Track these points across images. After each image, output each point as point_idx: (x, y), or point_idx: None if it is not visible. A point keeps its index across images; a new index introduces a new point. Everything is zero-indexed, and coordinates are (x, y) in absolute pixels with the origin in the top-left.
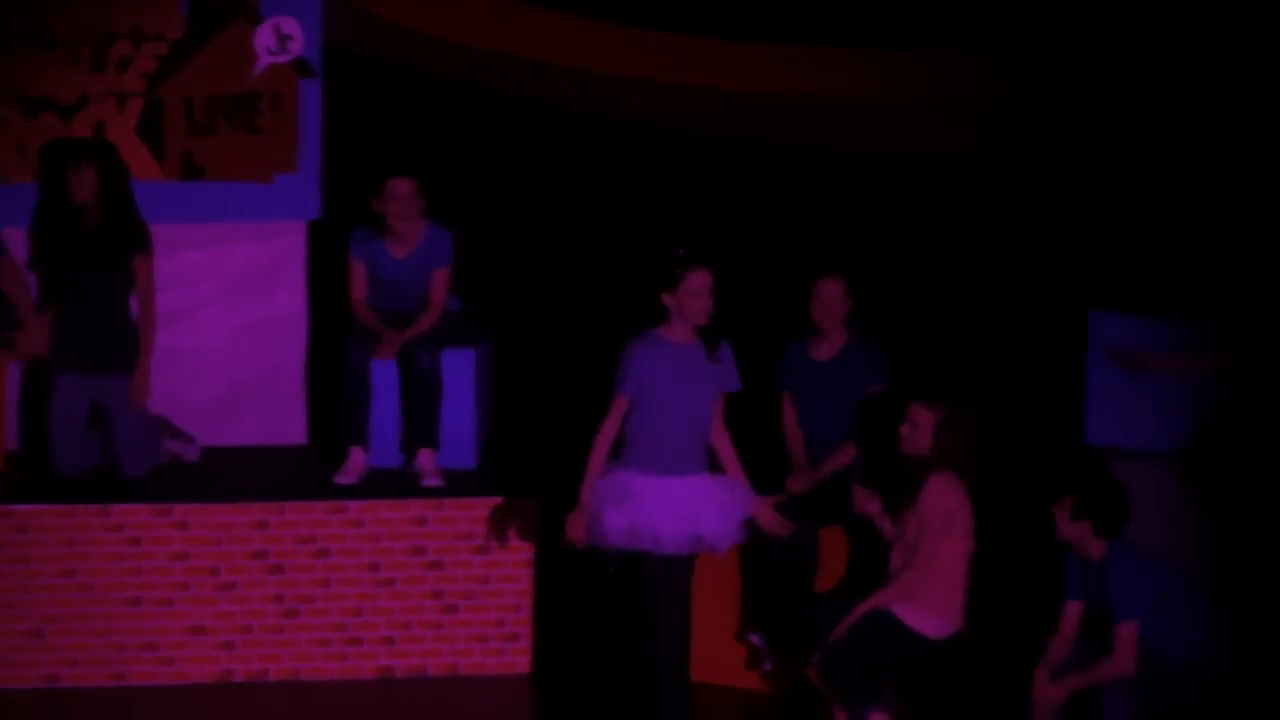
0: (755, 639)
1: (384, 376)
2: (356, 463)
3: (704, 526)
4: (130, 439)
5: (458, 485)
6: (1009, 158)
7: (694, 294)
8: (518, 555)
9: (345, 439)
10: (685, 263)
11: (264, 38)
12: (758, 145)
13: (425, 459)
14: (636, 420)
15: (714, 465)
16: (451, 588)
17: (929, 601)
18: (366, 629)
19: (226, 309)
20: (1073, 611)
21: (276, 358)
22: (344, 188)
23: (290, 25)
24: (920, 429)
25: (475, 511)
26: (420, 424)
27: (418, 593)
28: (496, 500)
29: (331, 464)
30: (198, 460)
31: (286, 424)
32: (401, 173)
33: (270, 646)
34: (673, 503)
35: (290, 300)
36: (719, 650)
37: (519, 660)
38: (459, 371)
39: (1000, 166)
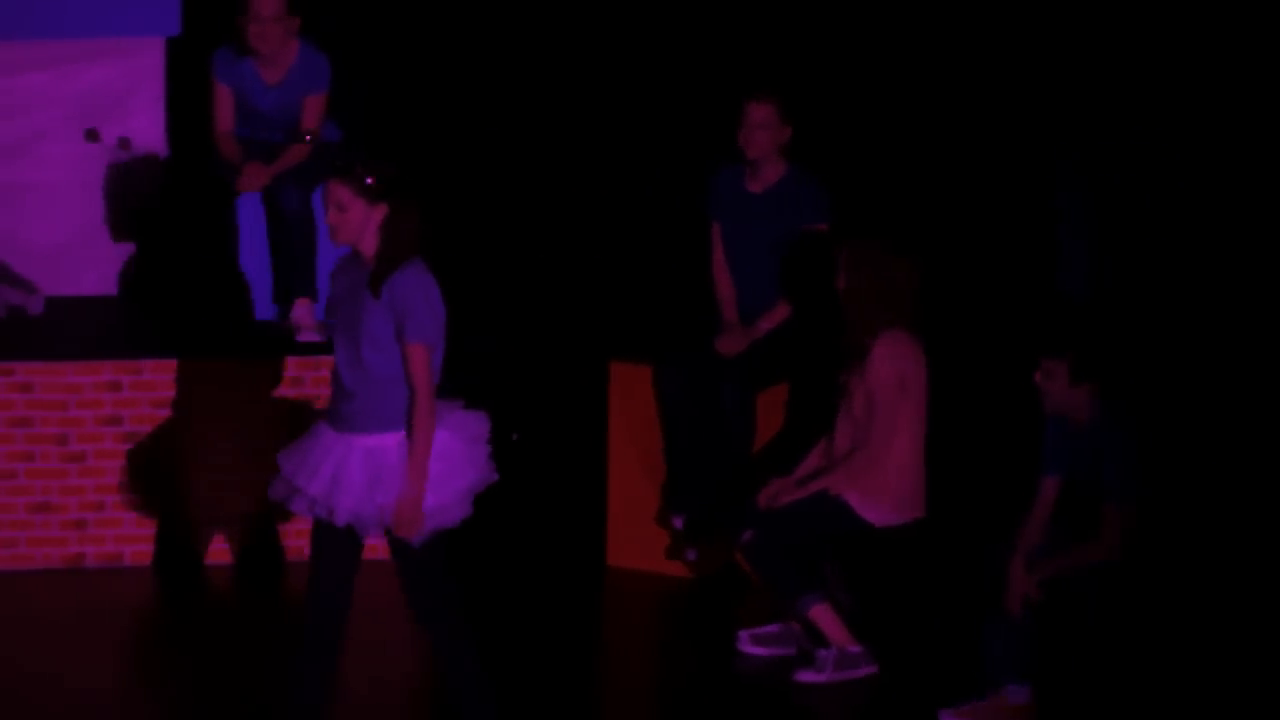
0: (677, 522)
1: (253, 218)
2: None
3: (339, 501)
4: None
5: None
6: None
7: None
8: None
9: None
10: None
11: None
12: None
13: (301, 310)
14: None
15: None
16: None
17: (884, 488)
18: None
19: (72, 139)
20: (1050, 488)
21: (130, 195)
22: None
23: None
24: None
25: None
26: (293, 271)
27: None
28: None
29: None
30: (41, 312)
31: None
32: None
33: (128, 526)
34: (314, 462)
35: (146, 129)
36: (638, 533)
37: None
38: None
39: None
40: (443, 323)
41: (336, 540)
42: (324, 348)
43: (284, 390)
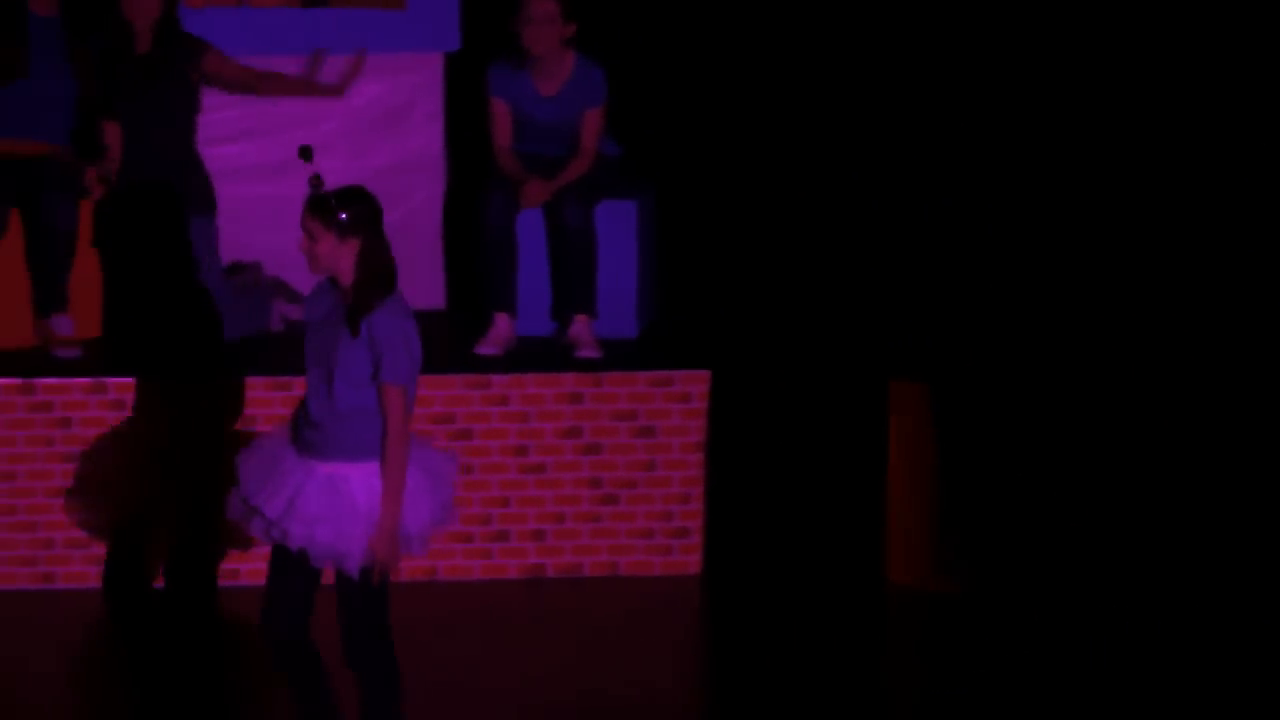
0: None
1: (533, 234)
2: (502, 331)
3: (292, 526)
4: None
5: (618, 357)
6: None
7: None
8: (687, 438)
9: (489, 304)
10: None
11: None
12: None
13: (580, 327)
14: None
15: None
16: (611, 475)
17: None
18: (514, 522)
19: (350, 153)
20: None
21: (409, 210)
22: (487, 15)
23: None
24: None
25: (638, 387)
26: (574, 287)
27: (572, 481)
28: (662, 374)
29: (473, 332)
30: None
31: (421, 286)
32: None
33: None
34: (274, 484)
35: (425, 144)
36: (918, 550)
37: (688, 559)
38: (618, 226)
39: None
40: (419, 363)
41: (295, 563)
42: (602, 364)
43: (563, 407)
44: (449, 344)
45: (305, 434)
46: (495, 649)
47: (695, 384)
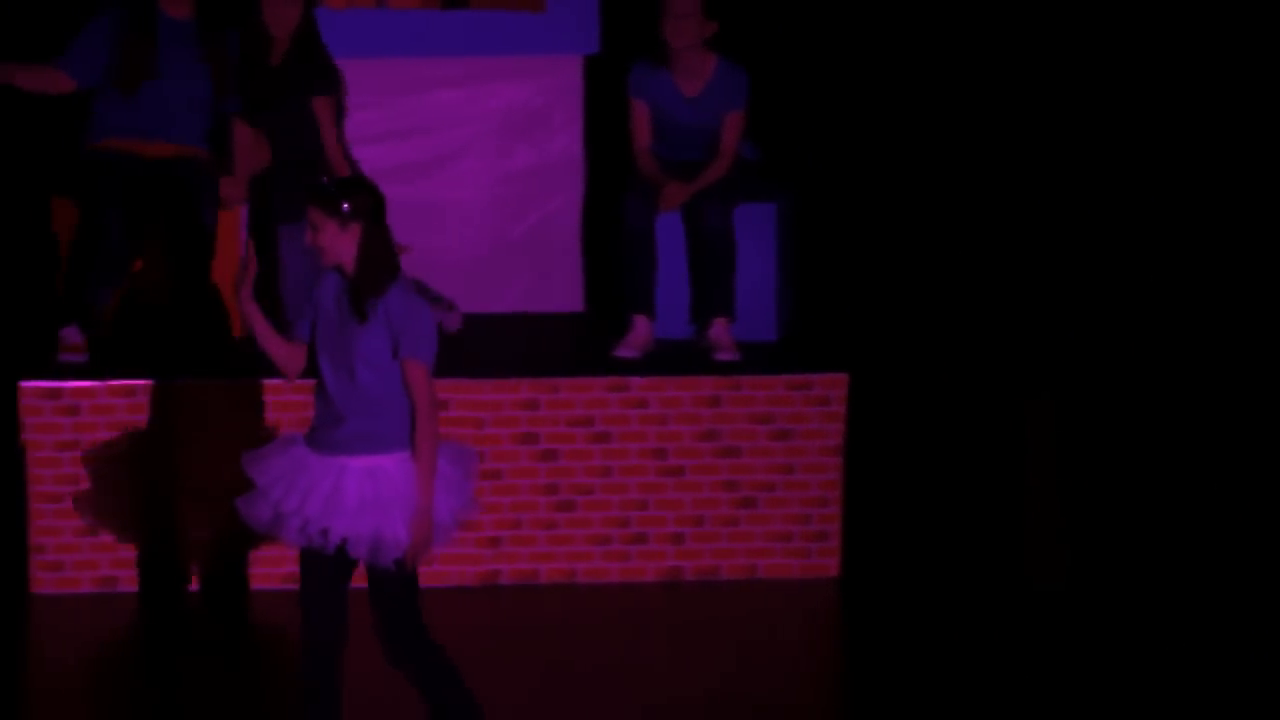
0: None
1: (672, 236)
2: (640, 334)
3: (335, 522)
4: None
5: (756, 360)
6: None
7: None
8: (825, 441)
9: (628, 306)
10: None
11: None
12: None
13: (719, 330)
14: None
15: None
16: (749, 478)
17: None
18: (652, 524)
19: (490, 156)
20: None
21: (548, 213)
22: (626, 18)
23: None
24: None
25: (776, 391)
26: (712, 290)
27: (710, 484)
28: (801, 377)
29: (611, 335)
30: (458, 330)
31: (560, 288)
32: None
33: (542, 544)
34: (304, 485)
35: (564, 147)
36: (1051, 553)
37: (827, 562)
38: (756, 229)
39: None
40: (435, 343)
41: (327, 567)
42: (741, 367)
43: (702, 410)
44: (588, 346)
45: (328, 434)
46: (632, 651)
47: (834, 387)
